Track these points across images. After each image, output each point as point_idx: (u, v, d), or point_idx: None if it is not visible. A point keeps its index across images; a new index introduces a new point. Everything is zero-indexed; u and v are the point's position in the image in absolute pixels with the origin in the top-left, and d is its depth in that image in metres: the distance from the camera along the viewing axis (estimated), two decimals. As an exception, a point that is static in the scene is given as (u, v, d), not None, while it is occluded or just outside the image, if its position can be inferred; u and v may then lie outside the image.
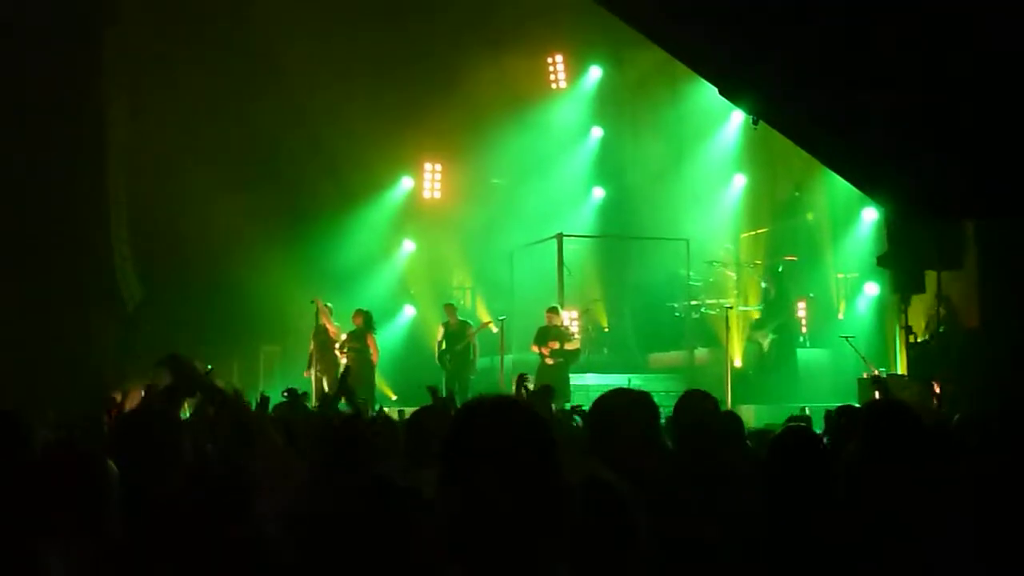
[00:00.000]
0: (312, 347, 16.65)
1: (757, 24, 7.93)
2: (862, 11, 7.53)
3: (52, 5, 14.89)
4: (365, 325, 16.53)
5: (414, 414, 5.66)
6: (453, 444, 2.21)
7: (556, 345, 15.58)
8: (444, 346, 16.74)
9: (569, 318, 17.66)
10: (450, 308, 17.27)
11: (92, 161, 15.84)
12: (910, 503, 3.67)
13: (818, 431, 6.06)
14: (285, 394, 8.56)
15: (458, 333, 16.73)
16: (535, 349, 15.75)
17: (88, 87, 15.67)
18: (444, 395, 10.96)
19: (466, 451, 2.18)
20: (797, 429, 4.26)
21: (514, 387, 10.75)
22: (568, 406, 10.31)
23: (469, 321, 17.26)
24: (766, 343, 16.19)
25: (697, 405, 5.00)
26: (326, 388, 15.43)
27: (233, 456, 3.69)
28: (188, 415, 5.81)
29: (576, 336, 16.64)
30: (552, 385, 10.88)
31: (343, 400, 7.99)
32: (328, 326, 16.58)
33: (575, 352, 16.01)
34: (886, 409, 4.34)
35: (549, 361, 15.45)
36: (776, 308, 16.43)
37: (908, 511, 3.64)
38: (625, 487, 2.60)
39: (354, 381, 13.05)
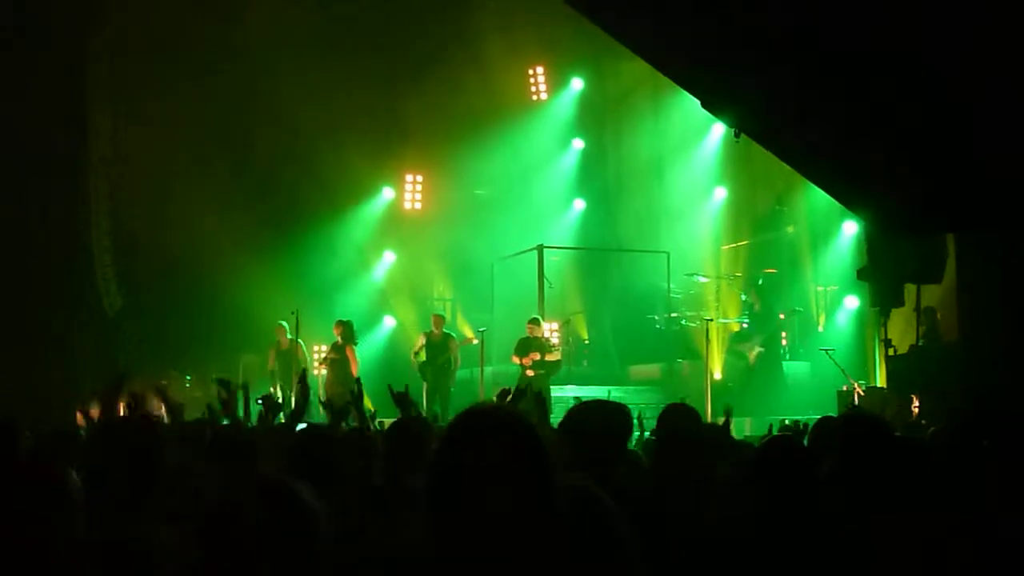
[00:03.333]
0: (291, 356, 16.51)
1: (742, 41, 7.96)
2: (845, 32, 7.58)
3: (35, 13, 14.78)
4: (345, 336, 16.43)
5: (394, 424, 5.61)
6: (447, 453, 2.17)
7: (537, 357, 15.56)
8: (424, 357, 16.60)
9: (550, 330, 17.65)
10: (438, 319, 16.97)
11: (74, 170, 15.75)
12: (886, 515, 3.69)
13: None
14: (259, 401, 8.46)
15: (440, 345, 16.62)
16: (516, 361, 15.71)
17: (71, 96, 15.58)
18: (411, 400, 10.69)
19: (461, 461, 2.15)
20: (784, 439, 4.26)
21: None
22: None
23: (452, 334, 17.17)
24: (753, 356, 16.16)
25: (681, 417, 5.01)
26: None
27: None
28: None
29: (557, 348, 16.62)
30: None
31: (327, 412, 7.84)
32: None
33: (556, 364, 16.00)
34: (861, 422, 4.36)
35: (530, 373, 15.41)
36: (763, 320, 16.41)
37: (884, 523, 3.65)
38: (608, 498, 2.58)
39: (342, 391, 12.95)
